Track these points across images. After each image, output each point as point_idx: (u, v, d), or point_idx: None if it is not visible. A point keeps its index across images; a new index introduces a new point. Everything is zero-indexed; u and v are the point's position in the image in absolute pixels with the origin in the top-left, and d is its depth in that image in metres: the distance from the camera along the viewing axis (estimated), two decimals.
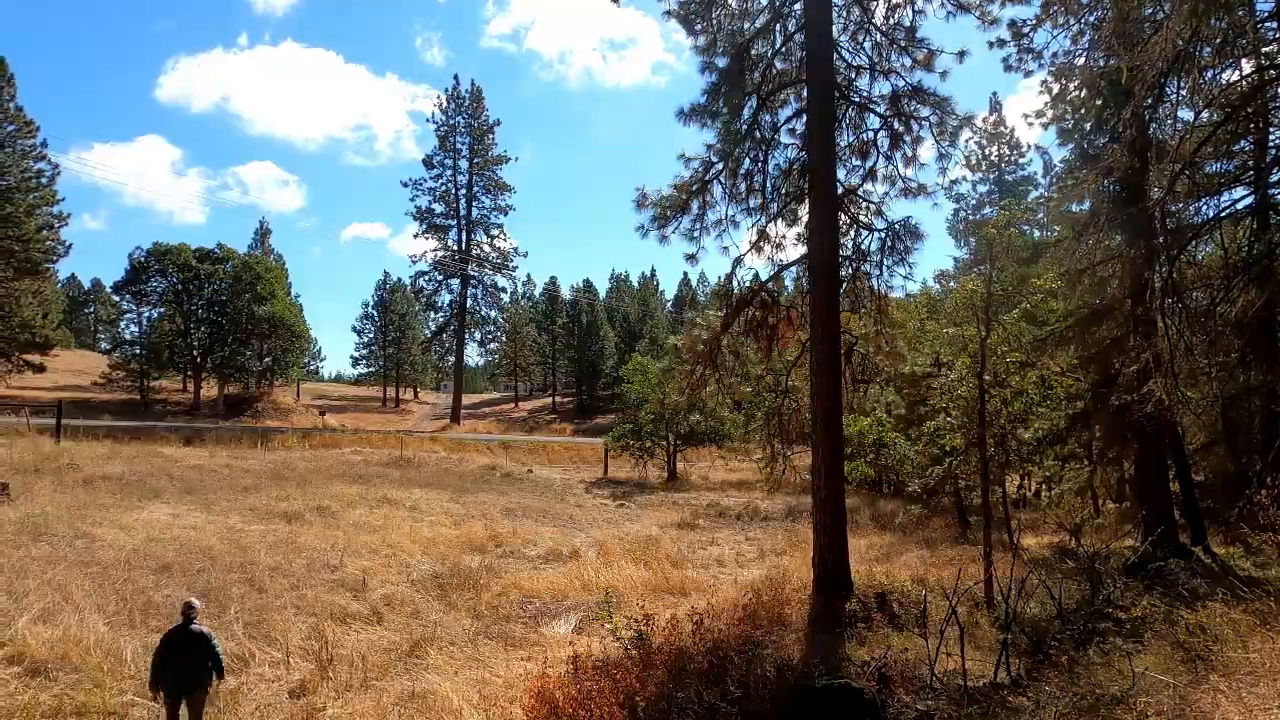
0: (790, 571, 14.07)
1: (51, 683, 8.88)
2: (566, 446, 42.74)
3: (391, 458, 32.34)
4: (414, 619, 12.31)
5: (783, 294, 14.10)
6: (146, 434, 33.20)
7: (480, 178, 63.41)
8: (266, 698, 9.16)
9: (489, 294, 66.17)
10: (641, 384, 33.46)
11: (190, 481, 22.63)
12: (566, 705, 6.95)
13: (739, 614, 9.88)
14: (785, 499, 25.12)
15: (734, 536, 20.93)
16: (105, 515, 16.70)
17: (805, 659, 8.07)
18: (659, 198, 13.24)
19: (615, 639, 8.77)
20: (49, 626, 10.16)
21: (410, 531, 18.36)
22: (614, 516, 23.97)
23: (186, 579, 12.83)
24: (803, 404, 14.04)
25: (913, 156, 13.51)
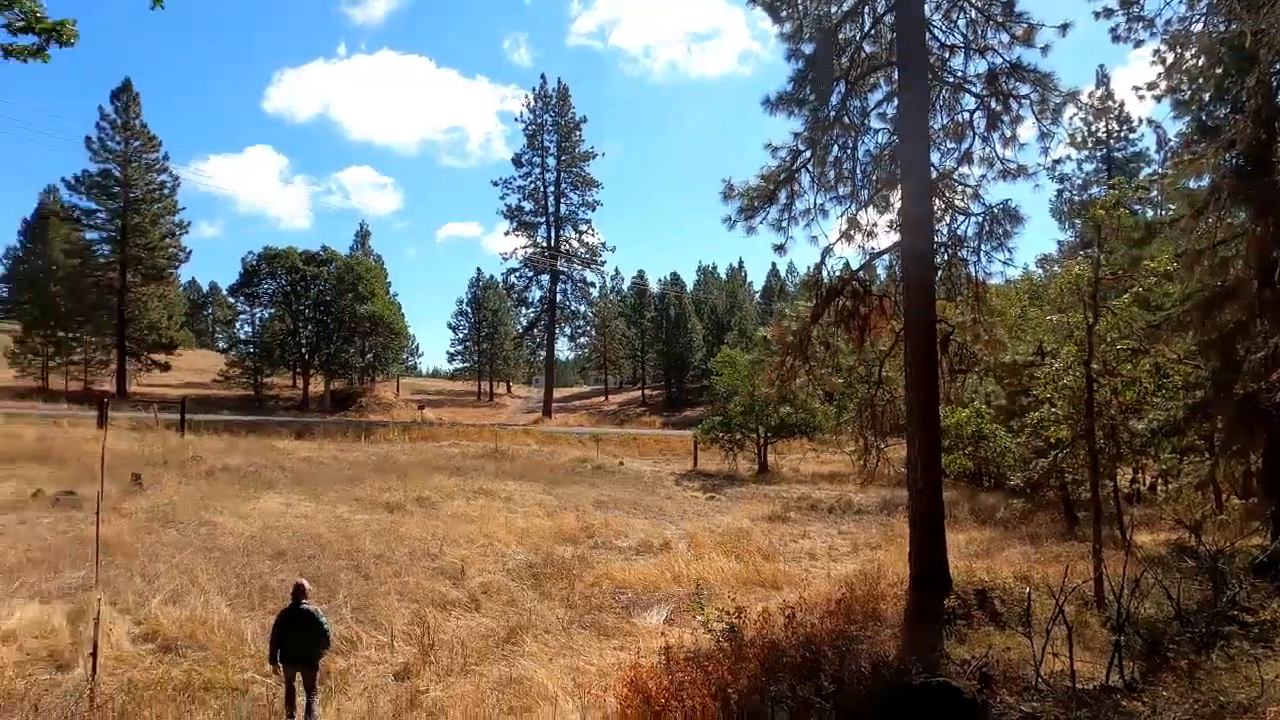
0: (885, 566, 13.77)
1: (181, 659, 9.56)
2: (656, 439, 42.96)
3: (486, 450, 33.23)
4: (510, 607, 12.66)
5: (874, 283, 13.77)
6: (261, 428, 35.14)
7: (568, 174, 64.26)
8: (373, 679, 9.60)
9: (578, 289, 67.07)
10: (730, 376, 33.26)
11: (301, 473, 23.86)
12: (659, 695, 7.02)
13: (832, 608, 9.74)
14: (880, 492, 24.55)
15: (826, 530, 20.61)
16: (225, 504, 17.81)
17: (902, 656, 7.89)
18: (745, 188, 13.11)
19: (707, 631, 8.79)
20: (178, 607, 10.93)
21: (505, 522, 18.84)
22: (704, 509, 23.97)
23: (299, 565, 13.56)
24: (897, 395, 13.68)
25: (1012, 137, 12.95)
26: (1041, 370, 14.89)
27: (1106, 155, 48.51)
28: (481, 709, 8.05)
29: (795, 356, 13.35)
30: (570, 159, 64.06)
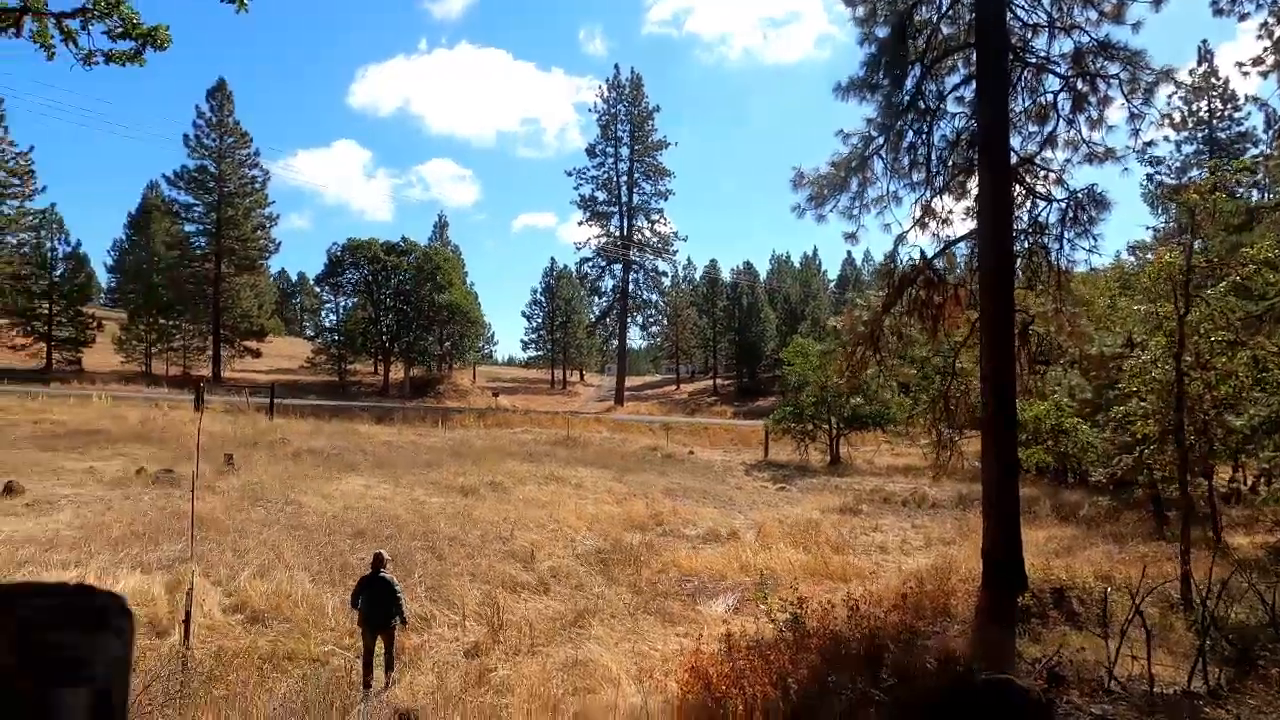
0: (958, 562, 13.46)
1: (267, 629, 10.09)
2: (727, 428, 42.83)
3: (558, 437, 33.74)
4: (578, 591, 12.89)
5: (950, 272, 13.42)
6: (344, 413, 36.51)
7: (640, 164, 64.35)
8: (445, 655, 9.95)
9: (650, 278, 67.21)
10: (802, 366, 32.87)
11: (381, 456, 24.71)
12: (720, 682, 7.07)
13: (899, 603, 9.60)
14: (955, 486, 23.94)
15: (899, 523, 20.23)
16: (309, 485, 18.62)
17: (971, 653, 7.74)
18: (816, 176, 12.94)
19: (770, 620, 8.79)
20: (265, 581, 11.52)
21: (575, 508, 19.14)
22: (774, 499, 23.82)
23: (377, 544, 14.07)
24: (972, 386, 13.33)
25: (1099, 119, 12.42)
26: (1129, 362, 14.25)
27: (1209, 136, 45.79)
28: (547, 688, 8.25)
29: (866, 346, 13.14)
30: (643, 149, 64.13)
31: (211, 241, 52.71)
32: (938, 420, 14.42)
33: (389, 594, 8.86)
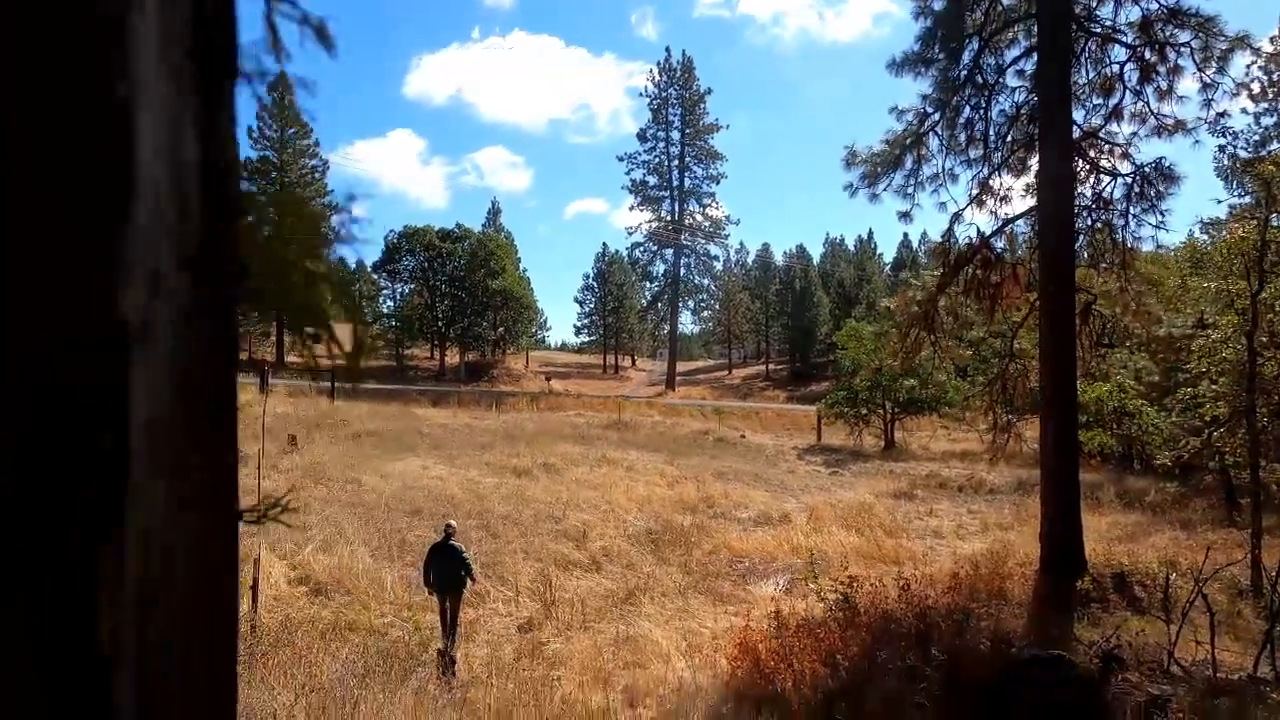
0: (1015, 547, 13.22)
1: (329, 601, 10.46)
2: (779, 413, 42.58)
3: (610, 421, 33.98)
4: (629, 570, 13.03)
5: (1008, 251, 13.10)
6: (401, 396, 37.32)
7: (692, 148, 64.00)
8: (499, 630, 10.19)
9: (701, 263, 66.97)
10: (856, 350, 32.43)
11: (437, 438, 25.25)
12: (769, 658, 7.12)
13: (953, 584, 9.49)
14: (1014, 471, 23.41)
15: (954, 509, 19.91)
16: (369, 465, 19.15)
17: (1026, 636, 7.63)
18: (869, 154, 12.75)
19: (820, 599, 8.79)
20: (327, 555, 11.93)
21: (627, 490, 19.29)
22: (826, 483, 23.65)
23: (433, 522, 14.42)
24: (1030, 368, 13.02)
25: (1168, 90, 11.97)
26: (1198, 342, 13.75)
27: None
28: (598, 662, 8.41)
29: (920, 327, 12.94)
30: (694, 132, 63.74)
31: None
32: (995, 403, 14.13)
33: (457, 562, 9.50)
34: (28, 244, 0.45)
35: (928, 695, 5.04)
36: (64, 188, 0.46)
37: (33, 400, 0.45)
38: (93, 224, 0.47)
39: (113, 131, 0.47)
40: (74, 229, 0.46)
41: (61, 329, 0.46)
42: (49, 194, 0.46)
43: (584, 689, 7.56)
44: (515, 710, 6.71)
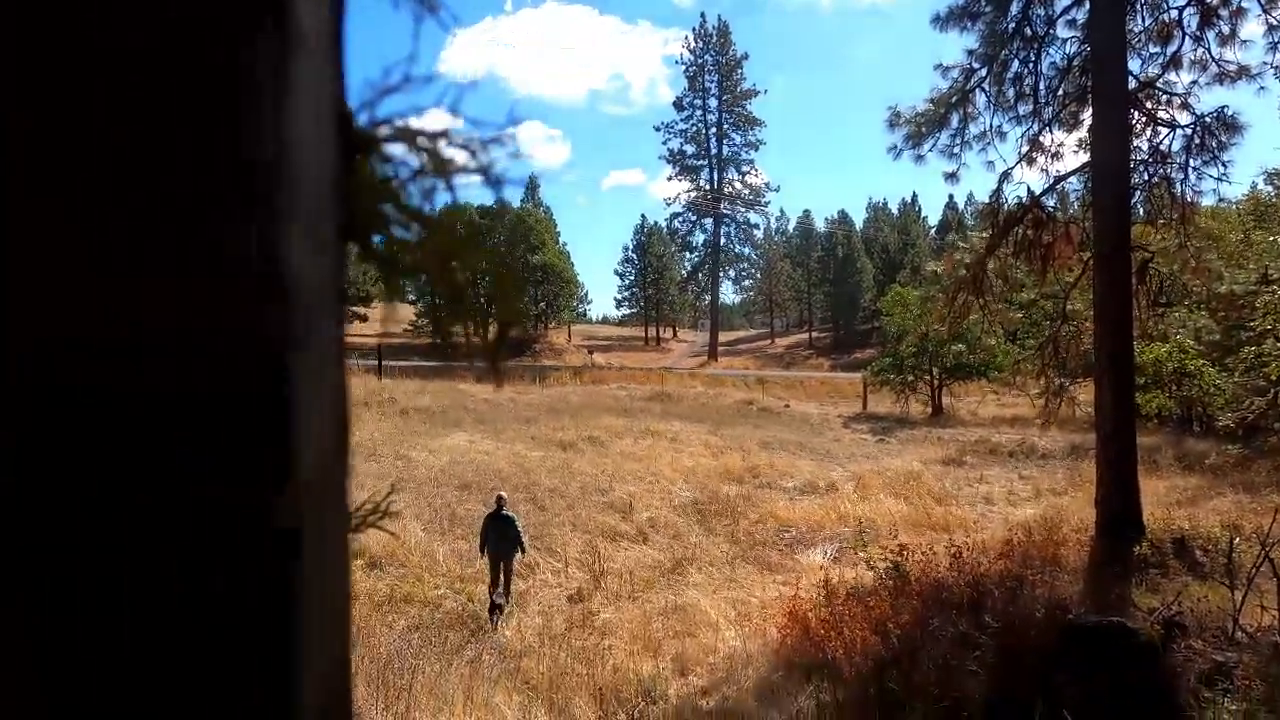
0: (1070, 512, 12.97)
1: (385, 575, 10.72)
2: (823, 381, 42.21)
3: (653, 393, 34.04)
4: (676, 541, 13.11)
5: (1060, 210, 12.70)
6: (446, 373, 37.84)
7: (730, 114, 63.14)
8: (549, 601, 10.35)
9: (742, 231, 66.37)
10: (901, 316, 31.87)
11: (482, 413, 25.56)
12: (819, 626, 7.11)
13: (1005, 551, 9.36)
14: (1067, 436, 22.90)
15: (1006, 474, 19.59)
16: (418, 440, 19.48)
17: (1082, 602, 7.49)
18: (913, 114, 12.41)
19: (869, 568, 8.74)
20: (381, 530, 12.19)
21: (671, 461, 19.35)
22: (873, 451, 23.43)
23: (482, 496, 14.66)
24: (1084, 330, 12.66)
25: (1230, 34, 11.41)
26: (1262, 299, 13.22)
27: None
28: (647, 631, 8.49)
29: (968, 291, 12.64)
30: (732, 98, 62.82)
31: None
32: (1046, 366, 13.79)
33: (510, 529, 9.98)
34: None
35: (980, 663, 4.98)
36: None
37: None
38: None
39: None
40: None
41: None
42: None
43: (634, 658, 7.65)
44: (567, 678, 6.82)
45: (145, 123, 0.46)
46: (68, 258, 0.47)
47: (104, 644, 0.48)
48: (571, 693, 6.47)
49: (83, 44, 0.45)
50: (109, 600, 0.48)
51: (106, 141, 0.46)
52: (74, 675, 0.48)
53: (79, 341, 0.47)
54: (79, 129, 0.46)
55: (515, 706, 6.14)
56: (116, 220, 0.47)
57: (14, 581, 0.47)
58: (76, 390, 0.47)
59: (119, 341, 0.48)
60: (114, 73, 0.45)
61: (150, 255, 0.47)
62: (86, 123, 0.46)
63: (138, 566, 0.48)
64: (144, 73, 0.45)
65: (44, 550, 0.48)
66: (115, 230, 0.47)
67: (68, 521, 0.48)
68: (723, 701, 6.53)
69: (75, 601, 0.48)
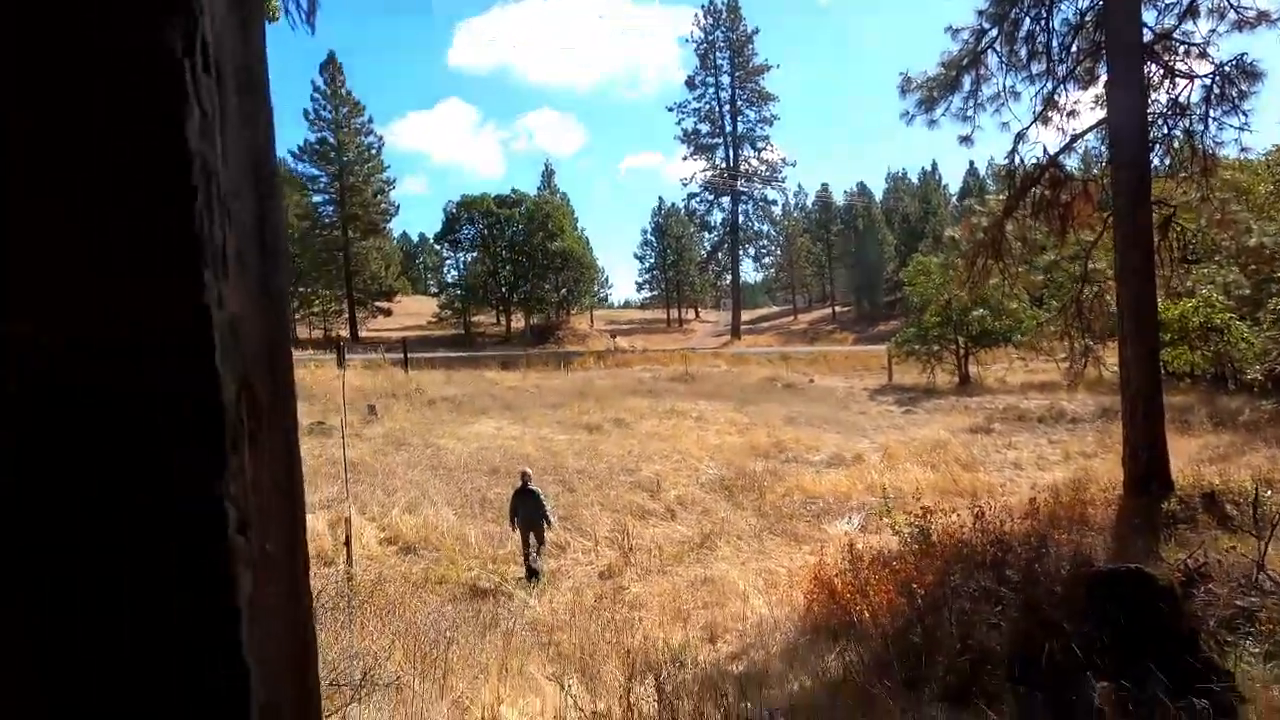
0: (1098, 474, 12.93)
1: (419, 559, 10.97)
2: (847, 355, 42.01)
3: (677, 373, 34.11)
4: (704, 516, 13.24)
5: (1079, 168, 12.55)
6: (471, 362, 38.18)
7: (743, 91, 62.61)
8: (581, 577, 10.54)
9: (760, 208, 65.97)
10: (924, 285, 31.61)
11: (508, 400, 25.82)
12: (844, 590, 7.20)
13: (1030, 511, 9.37)
14: (1096, 398, 22.67)
15: (1034, 440, 19.48)
16: (445, 429, 19.76)
17: (1108, 558, 7.50)
18: (925, 79, 12.31)
19: (895, 533, 8.79)
20: (413, 515, 12.46)
21: (697, 439, 19.46)
22: (899, 422, 23.36)
23: (511, 480, 14.84)
24: (1107, 289, 12.53)
25: None
26: None
27: None
28: (677, 602, 8.64)
29: (987, 255, 12.56)
30: (744, 74, 62.26)
31: (337, 209, 55.47)
32: (1070, 328, 13.67)
33: (537, 501, 11.06)
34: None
35: (1003, 616, 5.05)
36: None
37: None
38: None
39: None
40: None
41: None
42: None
43: (664, 627, 7.80)
44: (598, 648, 6.98)
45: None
46: (68, 258, 0.53)
47: (104, 643, 0.51)
48: (603, 661, 6.65)
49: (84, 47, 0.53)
50: (108, 600, 0.51)
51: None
52: (74, 674, 0.50)
53: (80, 342, 0.52)
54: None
55: (548, 675, 6.32)
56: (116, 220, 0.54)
57: (14, 581, 0.50)
58: (77, 390, 0.52)
59: (119, 341, 0.53)
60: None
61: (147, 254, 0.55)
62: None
63: (137, 566, 0.52)
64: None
65: (44, 550, 0.51)
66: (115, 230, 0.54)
67: (68, 521, 0.51)
68: (751, 665, 6.66)
69: (75, 601, 0.50)
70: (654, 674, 5.27)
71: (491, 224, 56.81)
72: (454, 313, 58.85)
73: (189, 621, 0.54)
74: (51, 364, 0.53)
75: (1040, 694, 4.12)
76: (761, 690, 5.73)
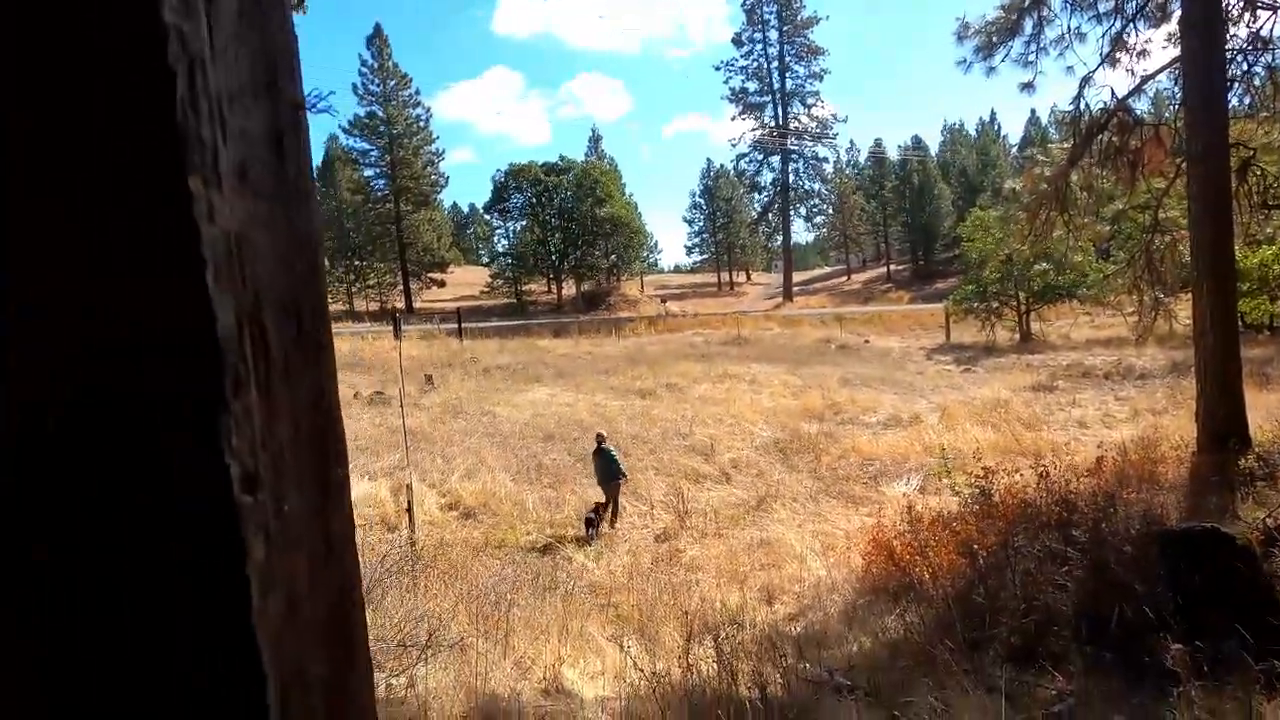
0: (1169, 431, 12.46)
1: (479, 523, 11.20)
2: (904, 315, 41.22)
3: (729, 337, 33.93)
4: (758, 479, 13.20)
5: (1150, 111, 11.95)
6: (523, 330, 38.55)
7: (791, 46, 61.02)
8: (637, 541, 10.63)
9: (811, 166, 64.60)
10: (983, 240, 30.70)
11: (561, 367, 26.03)
12: (904, 551, 7.12)
13: (1096, 469, 9.10)
14: (1167, 353, 21.85)
15: (1100, 397, 18.89)
16: (500, 397, 20.05)
17: (1179, 516, 7.26)
18: (983, 24, 11.80)
19: (954, 494, 8.64)
20: (472, 482, 12.70)
21: (751, 403, 19.37)
22: (958, 382, 22.88)
23: (565, 445, 15.05)
24: (1180, 239, 11.98)
25: None
26: None
27: None
28: (733, 564, 8.66)
29: (1050, 207, 12.09)
30: (792, 28, 60.62)
31: (389, 183, 56.16)
32: (1139, 280, 13.13)
33: (611, 459, 11.63)
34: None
35: (1070, 576, 4.93)
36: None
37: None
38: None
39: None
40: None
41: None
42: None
43: (720, 589, 7.84)
44: (656, 609, 7.06)
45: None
46: (68, 258, 0.49)
47: (104, 643, 0.49)
48: (661, 622, 6.72)
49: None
50: (108, 600, 0.49)
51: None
52: (74, 674, 0.49)
53: (81, 341, 0.49)
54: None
55: (607, 636, 6.42)
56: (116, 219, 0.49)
57: (14, 581, 0.49)
58: (77, 390, 0.48)
59: (119, 341, 0.49)
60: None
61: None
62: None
63: (137, 565, 0.49)
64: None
65: (44, 550, 0.48)
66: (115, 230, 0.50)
67: (68, 521, 0.49)
68: (809, 626, 6.66)
69: (75, 601, 0.48)
70: (712, 635, 5.30)
71: (540, 192, 56.87)
72: (505, 282, 59.34)
73: (186, 592, 0.51)
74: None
75: (1110, 654, 4.03)
76: (820, 650, 5.73)
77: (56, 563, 0.50)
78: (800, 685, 4.61)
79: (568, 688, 5.47)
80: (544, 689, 5.41)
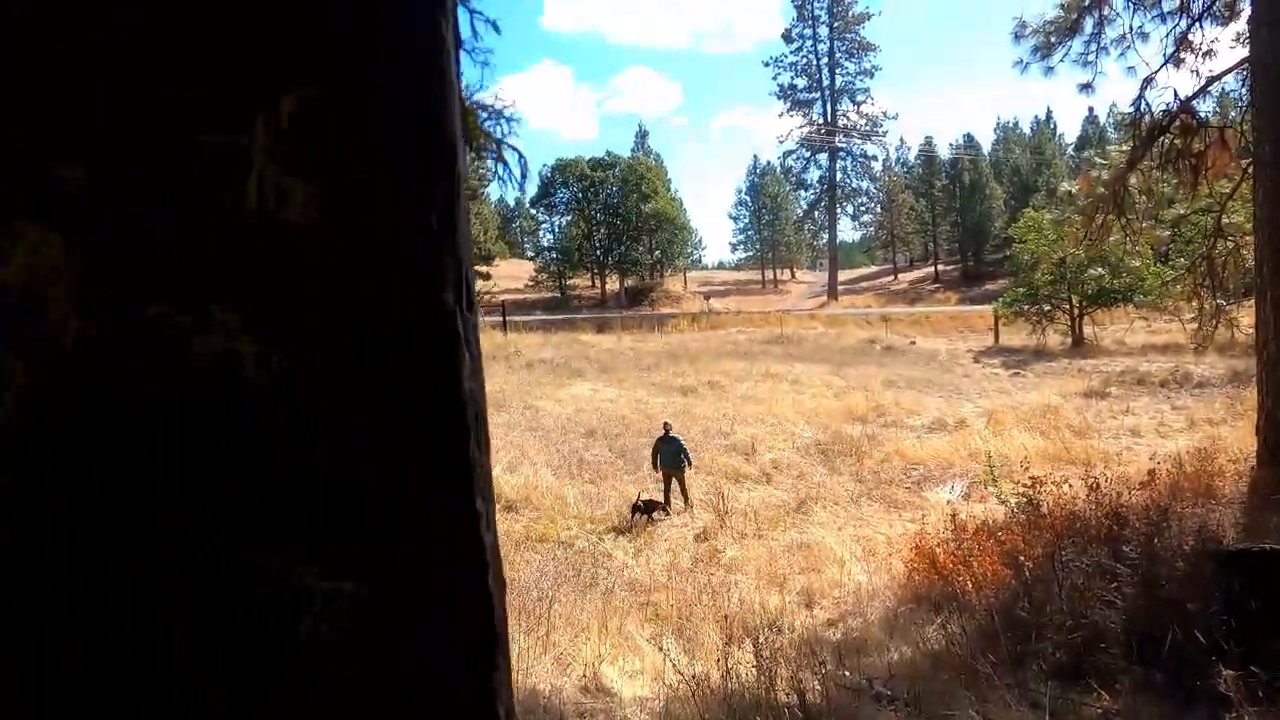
0: (1228, 443, 12.08)
1: (520, 517, 11.33)
2: (951, 316, 40.53)
3: (772, 336, 33.73)
4: (799, 481, 13.14)
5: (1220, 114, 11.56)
6: (567, 325, 38.82)
7: (841, 42, 60.29)
8: (677, 540, 10.67)
9: (859, 164, 63.85)
10: (1035, 242, 30.02)
11: (604, 362, 26.15)
12: (947, 560, 7.04)
13: (1149, 481, 8.87)
14: (1227, 362, 21.13)
15: (1155, 405, 18.38)
16: (543, 391, 20.22)
17: (1239, 535, 7.04)
18: (1041, 24, 11.54)
19: (1000, 502, 8.50)
20: (514, 475, 12.85)
21: (793, 403, 19.25)
22: (1006, 386, 22.45)
23: (607, 441, 15.13)
24: (1244, 244, 11.58)
25: None
26: None
27: None
28: (773, 567, 8.64)
29: (1107, 210, 11.77)
30: (843, 24, 59.88)
31: None
32: (1200, 286, 12.74)
33: (677, 447, 12.15)
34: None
35: (1119, 593, 4.83)
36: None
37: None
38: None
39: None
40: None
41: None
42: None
43: (760, 591, 7.84)
44: (695, 610, 7.08)
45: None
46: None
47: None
48: (699, 623, 6.75)
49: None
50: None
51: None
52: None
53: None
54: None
55: (647, 635, 6.47)
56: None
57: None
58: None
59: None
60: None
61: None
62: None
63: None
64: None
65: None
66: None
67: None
68: (849, 632, 6.63)
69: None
70: (751, 639, 5.31)
71: (586, 187, 57.12)
72: (550, 276, 59.74)
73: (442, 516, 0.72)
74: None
75: (1160, 675, 3.95)
76: (860, 658, 5.70)
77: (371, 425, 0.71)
78: (839, 693, 4.60)
79: (606, 686, 5.53)
80: (583, 686, 5.48)
